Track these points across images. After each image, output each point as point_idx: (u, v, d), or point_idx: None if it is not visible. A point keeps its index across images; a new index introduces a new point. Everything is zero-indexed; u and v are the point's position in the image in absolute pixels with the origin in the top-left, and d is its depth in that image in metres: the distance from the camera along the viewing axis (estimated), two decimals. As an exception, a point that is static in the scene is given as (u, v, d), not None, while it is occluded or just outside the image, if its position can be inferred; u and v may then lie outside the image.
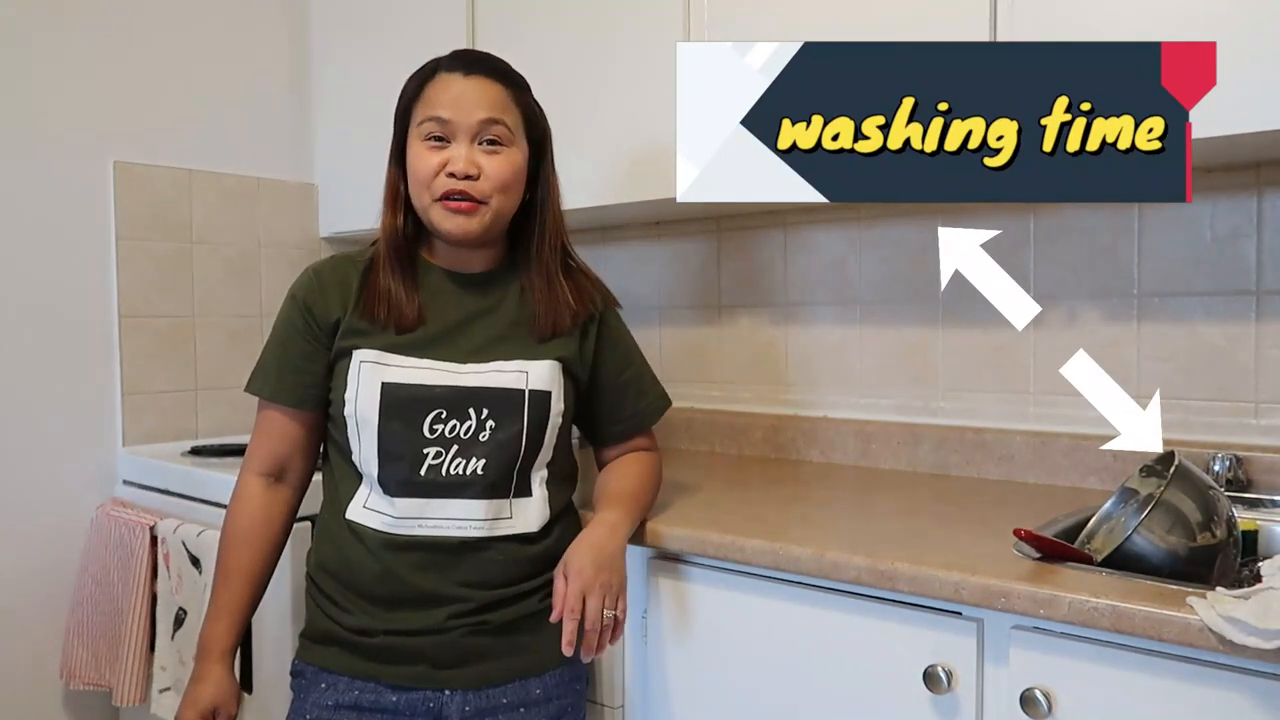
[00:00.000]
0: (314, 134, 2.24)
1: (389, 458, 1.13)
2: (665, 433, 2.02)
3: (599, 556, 1.12)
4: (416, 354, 1.16)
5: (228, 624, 1.19)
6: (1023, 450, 1.56)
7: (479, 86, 1.16)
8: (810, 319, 1.84)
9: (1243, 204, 1.39)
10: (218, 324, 2.07)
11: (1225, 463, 1.34)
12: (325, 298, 1.18)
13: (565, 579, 1.10)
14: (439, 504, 1.13)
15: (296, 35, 2.21)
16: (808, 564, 1.11)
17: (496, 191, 1.16)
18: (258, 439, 1.22)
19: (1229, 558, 1.06)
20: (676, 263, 2.03)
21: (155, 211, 1.97)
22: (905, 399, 1.72)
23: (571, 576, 1.10)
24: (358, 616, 1.14)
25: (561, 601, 1.08)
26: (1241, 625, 0.82)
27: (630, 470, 1.30)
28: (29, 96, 1.81)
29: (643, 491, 1.27)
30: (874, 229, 1.75)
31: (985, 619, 1.02)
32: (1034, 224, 1.57)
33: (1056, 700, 0.95)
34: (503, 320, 1.21)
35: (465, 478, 1.14)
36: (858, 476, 1.64)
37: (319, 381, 1.19)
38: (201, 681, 1.17)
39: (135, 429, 1.94)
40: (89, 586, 1.78)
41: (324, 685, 1.15)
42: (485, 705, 1.14)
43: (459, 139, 1.15)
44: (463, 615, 1.13)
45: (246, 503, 1.21)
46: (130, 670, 1.66)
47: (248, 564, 1.20)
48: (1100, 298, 1.51)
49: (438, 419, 1.13)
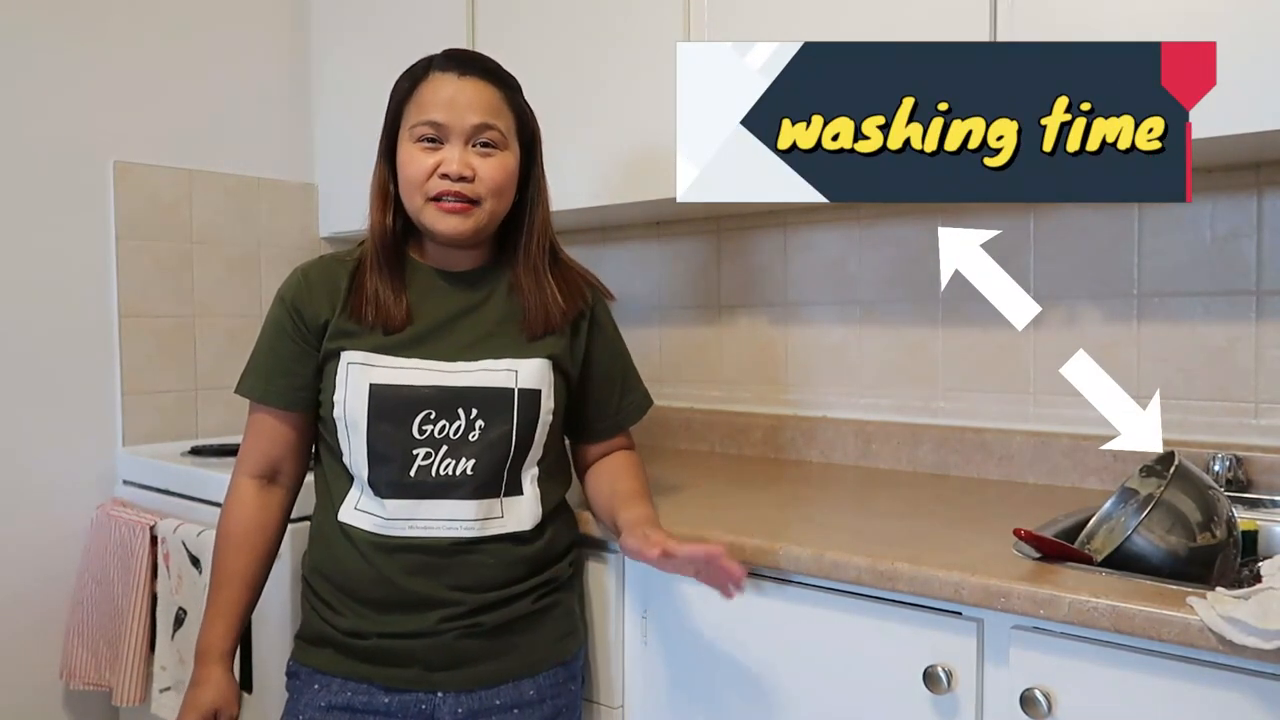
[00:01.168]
0: (314, 134, 2.24)
1: (378, 459, 1.13)
2: (665, 433, 2.02)
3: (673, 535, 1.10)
4: (404, 354, 1.15)
5: (225, 627, 1.19)
6: (1023, 450, 1.56)
7: (473, 89, 1.16)
8: (810, 319, 1.84)
9: (1243, 204, 1.39)
10: (218, 324, 2.07)
11: (1225, 463, 1.34)
12: (313, 299, 1.18)
13: (679, 543, 1.05)
14: (429, 505, 1.13)
15: (296, 35, 2.21)
16: (808, 564, 1.11)
17: (491, 194, 1.16)
18: (249, 441, 1.22)
19: (1229, 558, 1.06)
20: (676, 263, 2.03)
21: (155, 211, 1.97)
22: (905, 399, 1.72)
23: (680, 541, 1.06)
24: (350, 619, 1.14)
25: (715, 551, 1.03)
26: (1241, 625, 0.82)
27: (635, 472, 1.30)
28: (29, 96, 1.81)
29: (648, 490, 1.28)
30: (874, 229, 1.75)
31: (985, 619, 1.02)
32: (1034, 224, 1.57)
33: (1056, 700, 0.95)
34: (491, 316, 1.20)
35: (455, 478, 1.13)
36: (858, 476, 1.64)
37: (309, 383, 1.19)
38: (201, 685, 1.17)
39: (135, 429, 1.94)
40: (89, 586, 1.78)
41: (317, 686, 1.15)
42: (478, 707, 1.14)
43: (452, 141, 1.15)
44: (455, 619, 1.13)
45: (240, 506, 1.21)
46: (130, 670, 1.66)
47: (243, 567, 1.20)
48: (1100, 298, 1.51)
49: (427, 419, 1.13)
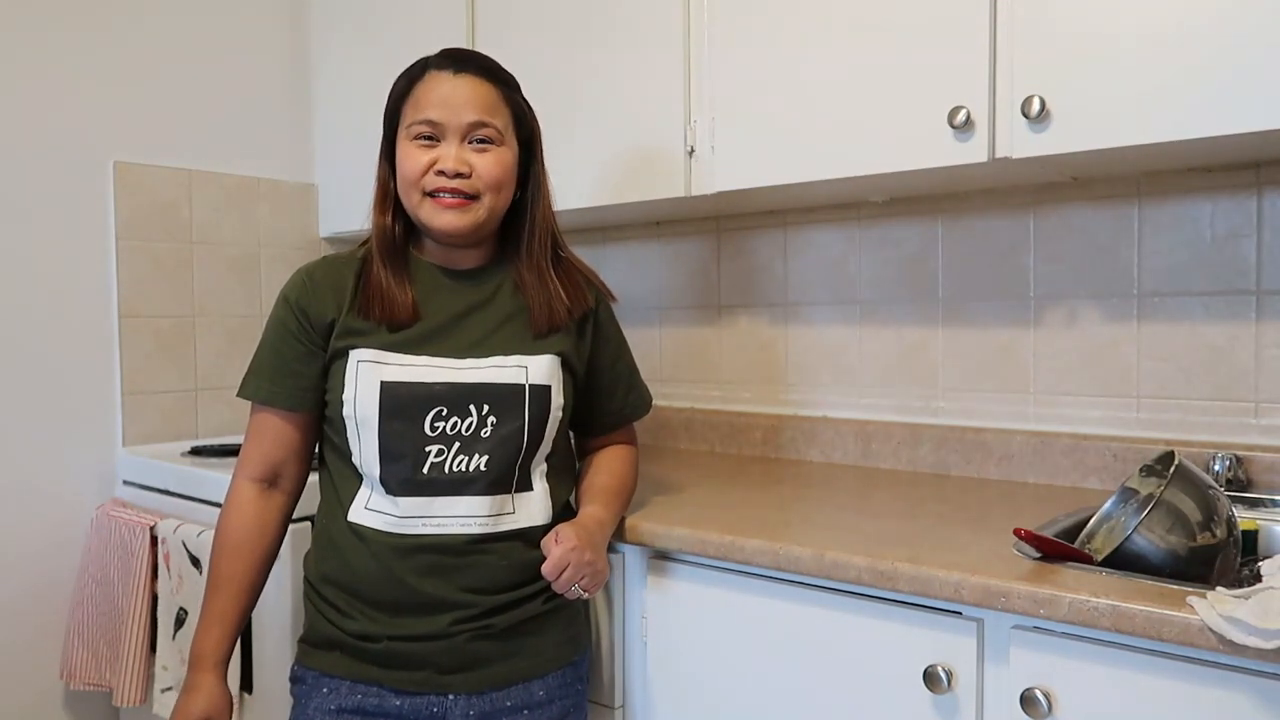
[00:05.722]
0: (314, 134, 2.24)
1: (390, 457, 1.13)
2: (665, 433, 2.02)
3: (591, 541, 1.15)
4: (414, 351, 1.15)
5: (220, 634, 1.18)
6: (1023, 450, 1.56)
7: (469, 86, 1.16)
8: (810, 319, 1.84)
9: (1243, 204, 1.39)
10: (218, 324, 2.07)
11: (1225, 463, 1.34)
12: (319, 299, 1.18)
13: (556, 542, 1.13)
14: (443, 502, 1.13)
15: (296, 35, 2.21)
16: (808, 564, 1.11)
17: (489, 189, 1.16)
18: (251, 444, 1.21)
19: (1229, 558, 1.06)
20: (676, 263, 2.03)
21: (155, 211, 1.97)
22: (905, 399, 1.72)
23: (562, 540, 1.12)
24: (361, 622, 1.14)
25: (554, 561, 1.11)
26: (1241, 625, 0.82)
27: (615, 468, 1.32)
28: (29, 96, 1.81)
29: (624, 489, 1.30)
30: (874, 229, 1.75)
31: (985, 619, 1.02)
32: (1034, 224, 1.57)
33: (1056, 700, 0.95)
34: (498, 313, 1.21)
35: (468, 474, 1.13)
36: (858, 476, 1.64)
37: (315, 384, 1.18)
38: (194, 692, 1.16)
39: (135, 429, 1.94)
40: (89, 587, 1.78)
41: (326, 690, 1.14)
42: (489, 709, 1.14)
43: (449, 138, 1.15)
44: (467, 621, 1.13)
45: (240, 510, 1.20)
46: (131, 670, 1.66)
47: (240, 573, 1.19)
48: (1100, 298, 1.51)
49: (438, 416, 1.13)
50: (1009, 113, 1.25)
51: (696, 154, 1.55)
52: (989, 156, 1.27)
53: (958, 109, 1.26)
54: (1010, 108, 1.24)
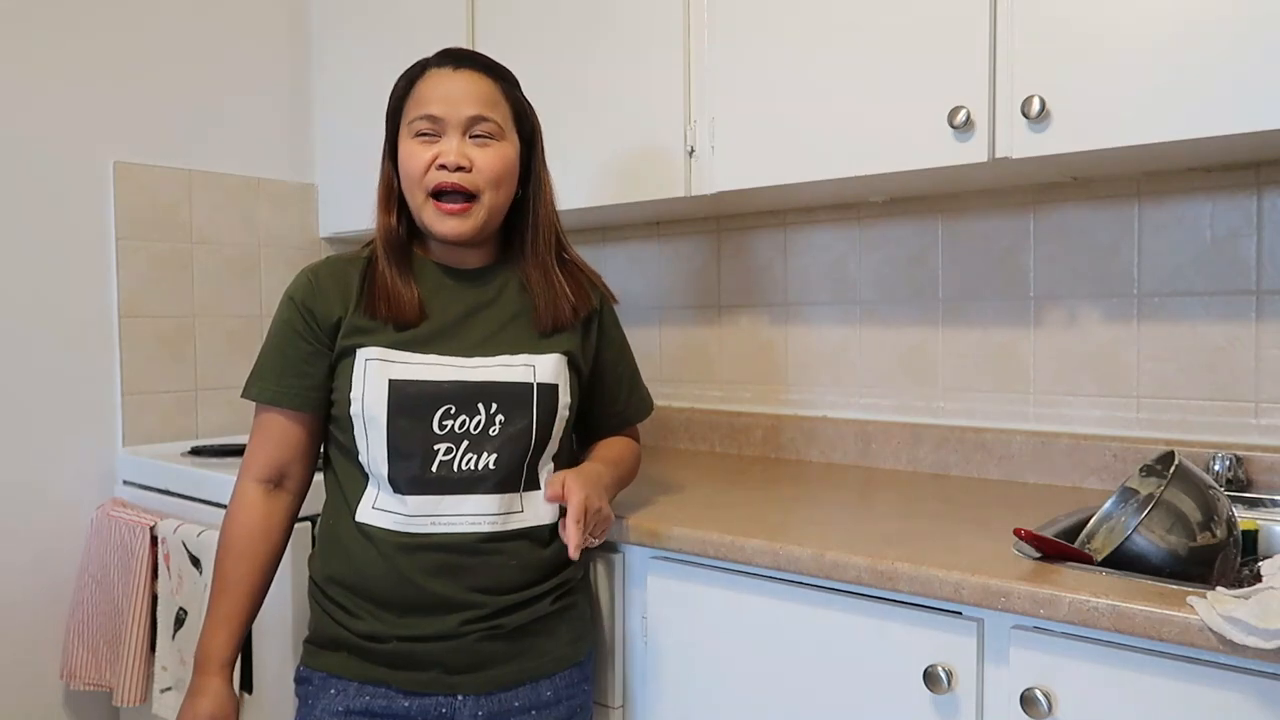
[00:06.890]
0: (314, 134, 2.24)
1: (399, 455, 1.12)
2: (665, 433, 2.02)
3: (595, 487, 1.16)
4: (421, 349, 1.15)
5: (226, 635, 1.18)
6: (1023, 450, 1.56)
7: (468, 81, 1.16)
8: (810, 319, 1.84)
9: (1243, 204, 1.39)
10: (218, 324, 2.07)
11: (1225, 463, 1.34)
12: (325, 298, 1.18)
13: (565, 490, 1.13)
14: (452, 500, 1.13)
15: (296, 35, 2.21)
16: (808, 564, 1.11)
17: (489, 185, 1.16)
18: (256, 444, 1.21)
19: (1229, 558, 1.06)
20: (676, 263, 2.03)
21: (155, 211, 1.97)
22: (905, 399, 1.72)
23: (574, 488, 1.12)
24: (369, 623, 1.13)
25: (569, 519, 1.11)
26: (1241, 625, 0.82)
27: (616, 444, 1.33)
28: (29, 96, 1.81)
29: (623, 463, 1.30)
30: (874, 229, 1.75)
31: (985, 619, 1.02)
32: (1034, 224, 1.57)
33: (1056, 700, 0.95)
34: (504, 312, 1.21)
35: (477, 473, 1.14)
36: (858, 476, 1.64)
37: (321, 383, 1.18)
38: (200, 695, 1.16)
39: (135, 429, 1.94)
40: (89, 587, 1.78)
41: (333, 691, 1.14)
42: (497, 709, 1.14)
43: (449, 133, 1.15)
44: (476, 621, 1.13)
45: (245, 512, 1.20)
46: (131, 670, 1.66)
47: (246, 575, 1.18)
48: (1100, 298, 1.51)
49: (447, 415, 1.13)
50: (1009, 113, 1.25)
51: (696, 154, 1.55)
52: (989, 156, 1.27)
53: (958, 109, 1.27)
54: (1010, 108, 1.24)
